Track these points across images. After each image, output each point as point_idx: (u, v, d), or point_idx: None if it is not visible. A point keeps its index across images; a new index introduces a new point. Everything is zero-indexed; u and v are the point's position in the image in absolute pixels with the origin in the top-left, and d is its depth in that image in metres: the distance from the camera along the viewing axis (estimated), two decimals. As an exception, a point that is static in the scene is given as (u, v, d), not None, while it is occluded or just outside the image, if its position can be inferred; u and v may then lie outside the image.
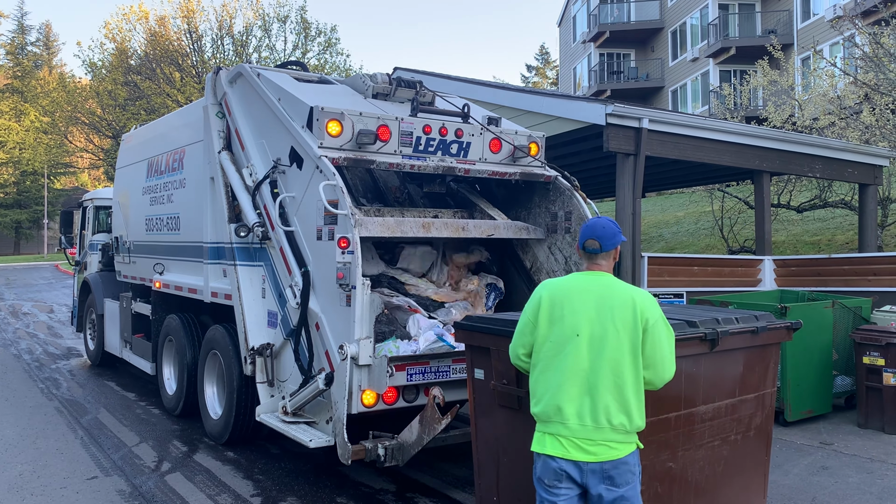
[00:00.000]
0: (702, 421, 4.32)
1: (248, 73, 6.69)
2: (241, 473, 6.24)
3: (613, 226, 3.52)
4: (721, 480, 4.51)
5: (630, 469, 3.25)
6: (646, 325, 3.26)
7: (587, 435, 3.21)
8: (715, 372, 4.39)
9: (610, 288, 3.36)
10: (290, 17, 36.39)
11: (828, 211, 17.55)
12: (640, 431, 3.32)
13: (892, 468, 6.45)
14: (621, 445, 3.23)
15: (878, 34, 13.77)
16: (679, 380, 3.99)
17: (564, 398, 3.26)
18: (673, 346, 3.34)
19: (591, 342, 3.26)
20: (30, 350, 13.23)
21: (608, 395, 3.22)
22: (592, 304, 3.30)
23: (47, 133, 44.38)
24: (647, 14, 38.41)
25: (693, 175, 14.07)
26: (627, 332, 3.24)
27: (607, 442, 3.21)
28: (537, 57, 66.32)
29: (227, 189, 6.78)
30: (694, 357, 4.18)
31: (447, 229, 6.11)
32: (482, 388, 4.52)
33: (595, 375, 3.23)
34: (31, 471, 6.35)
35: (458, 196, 7.14)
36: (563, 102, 9.93)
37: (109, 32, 35.92)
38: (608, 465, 3.21)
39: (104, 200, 11.98)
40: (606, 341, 3.24)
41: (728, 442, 4.52)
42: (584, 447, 3.21)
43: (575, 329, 3.29)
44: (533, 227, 6.67)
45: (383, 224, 5.73)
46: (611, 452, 3.21)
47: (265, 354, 6.03)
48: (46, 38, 71.50)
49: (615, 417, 3.21)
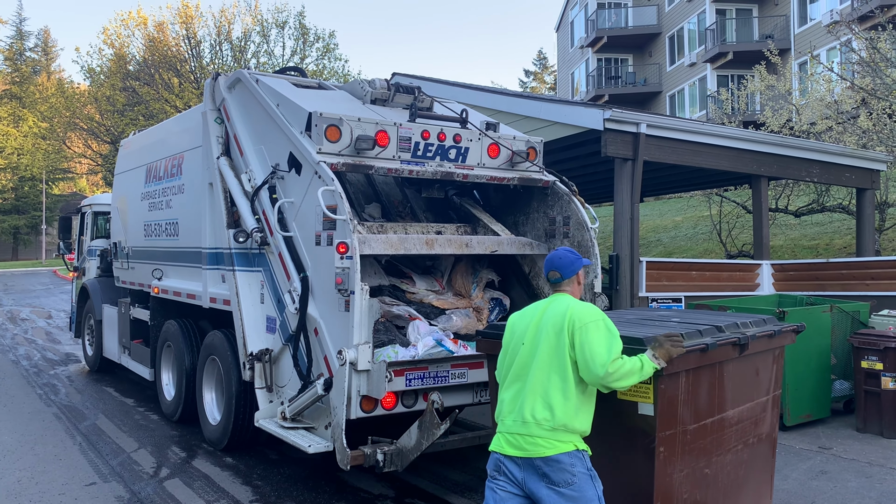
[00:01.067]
0: (730, 425, 4.33)
1: (247, 78, 6.70)
2: (239, 479, 6.23)
3: (571, 255, 3.85)
4: (741, 484, 4.53)
5: (565, 468, 3.39)
6: (573, 329, 3.49)
7: (517, 430, 3.49)
8: (740, 376, 4.41)
9: (555, 303, 3.69)
10: (288, 23, 36.46)
11: (825, 215, 17.57)
12: (585, 436, 3.50)
13: (891, 472, 6.45)
14: (548, 443, 3.41)
15: (874, 39, 13.81)
16: (714, 385, 4.12)
17: (506, 399, 3.63)
18: (603, 346, 3.43)
19: (530, 348, 3.60)
20: (28, 356, 13.21)
21: (534, 395, 3.50)
22: (536, 319, 3.67)
23: (45, 139, 44.34)
24: (645, 19, 38.50)
25: (691, 180, 14.09)
26: (557, 337, 3.52)
27: (533, 437, 3.43)
28: (535, 62, 66.50)
29: (225, 195, 6.78)
30: (724, 362, 4.20)
31: (451, 246, 6.10)
32: None
33: (527, 377, 3.56)
34: (29, 477, 6.34)
35: (461, 210, 7.13)
36: (561, 107, 9.95)
37: (108, 38, 35.95)
38: (539, 462, 3.42)
39: (103, 206, 11.98)
40: (540, 346, 3.56)
41: (748, 445, 4.55)
42: (515, 442, 3.48)
43: (521, 340, 3.67)
44: (536, 243, 6.65)
45: (387, 241, 5.71)
46: (538, 449, 3.42)
47: (264, 360, 6.02)
48: (45, 44, 71.52)
49: (538, 413, 3.45)
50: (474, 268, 7.01)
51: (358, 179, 7.08)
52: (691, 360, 3.84)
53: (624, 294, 9.03)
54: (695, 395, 3.98)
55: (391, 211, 6.87)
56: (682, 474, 3.94)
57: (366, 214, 6.65)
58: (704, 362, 3.99)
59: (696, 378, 3.98)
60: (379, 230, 6.26)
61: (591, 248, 6.32)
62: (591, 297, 6.30)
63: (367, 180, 7.14)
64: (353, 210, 6.48)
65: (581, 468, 3.42)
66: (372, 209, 6.78)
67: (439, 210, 7.25)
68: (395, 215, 6.85)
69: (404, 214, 6.90)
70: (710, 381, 4.10)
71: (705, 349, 3.94)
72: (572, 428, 3.45)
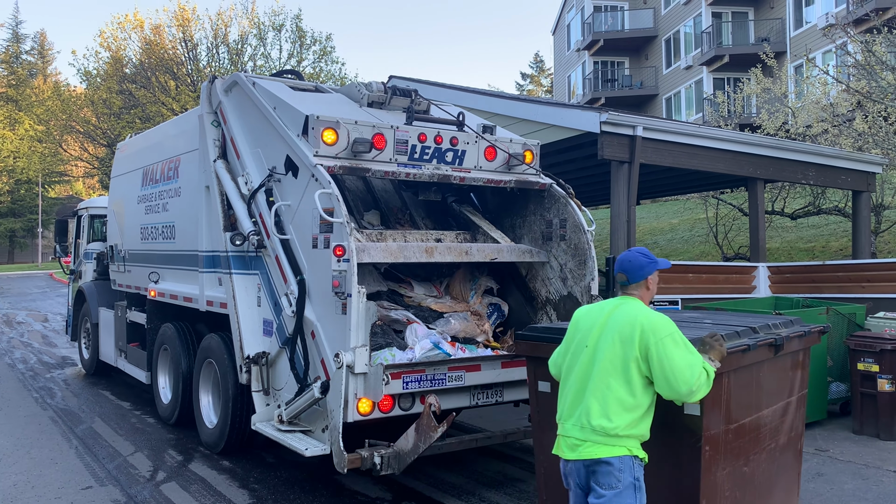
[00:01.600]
0: (764, 424, 4.40)
1: (244, 81, 6.70)
2: (236, 482, 6.22)
3: (642, 258, 3.76)
4: (774, 482, 4.59)
5: (612, 472, 3.40)
6: (646, 342, 3.42)
7: (575, 435, 3.50)
8: (773, 376, 4.49)
9: (622, 308, 3.62)
10: (285, 26, 36.41)
11: (822, 218, 17.61)
12: (644, 442, 3.49)
13: (888, 474, 6.46)
14: (602, 447, 3.42)
15: (870, 42, 13.85)
16: (751, 386, 4.21)
17: (566, 404, 3.62)
18: (686, 362, 3.40)
19: (593, 353, 3.56)
20: (24, 359, 13.18)
21: (595, 401, 3.47)
22: (602, 321, 3.62)
23: (42, 142, 44.22)
24: (641, 22, 38.59)
25: (687, 182, 14.11)
26: (623, 346, 3.47)
27: (588, 441, 3.45)
28: (532, 65, 66.58)
29: (222, 197, 6.78)
30: (762, 363, 4.28)
31: (450, 253, 6.10)
32: (547, 400, 4.36)
33: (588, 382, 3.52)
34: (25, 481, 6.32)
35: (460, 217, 7.12)
36: (558, 110, 9.96)
37: (104, 41, 35.88)
38: (590, 463, 3.45)
39: (99, 209, 11.96)
40: (604, 353, 3.51)
41: (779, 444, 4.61)
42: (573, 446, 3.50)
43: (584, 342, 3.63)
44: (536, 250, 6.64)
45: (386, 249, 5.70)
46: (591, 451, 3.44)
47: (261, 363, 6.02)
48: (41, 47, 71.46)
49: (596, 420, 3.44)
50: (473, 274, 7.01)
51: (357, 186, 7.06)
52: (733, 361, 3.88)
53: (621, 296, 9.03)
54: (736, 394, 4.04)
55: (390, 218, 6.85)
56: (724, 472, 3.99)
57: (365, 222, 6.63)
58: (745, 363, 4.05)
59: (737, 378, 4.03)
60: (378, 238, 6.25)
61: (588, 251, 6.33)
62: (588, 300, 6.31)
63: (365, 187, 7.12)
64: (352, 217, 6.47)
65: (629, 476, 3.41)
66: (371, 216, 6.76)
67: (439, 217, 7.23)
68: (395, 222, 6.82)
69: (403, 221, 6.87)
70: (749, 381, 4.19)
71: (747, 350, 4.01)
72: (629, 433, 3.43)
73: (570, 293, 6.48)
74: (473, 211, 7.11)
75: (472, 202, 7.35)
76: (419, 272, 6.97)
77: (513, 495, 5.93)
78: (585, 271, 6.35)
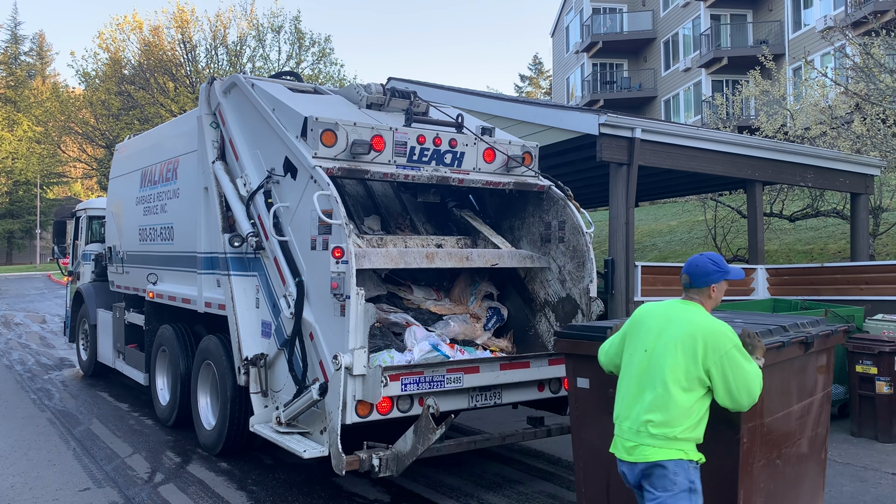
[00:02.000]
0: (794, 419, 4.55)
1: (243, 83, 6.70)
2: (234, 484, 6.21)
3: (710, 265, 3.71)
4: (802, 476, 4.72)
5: (667, 475, 3.44)
6: (707, 354, 3.46)
7: (630, 437, 3.55)
8: (803, 372, 4.64)
9: (685, 315, 3.62)
10: (284, 28, 36.45)
11: (820, 220, 17.62)
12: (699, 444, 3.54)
13: (886, 476, 6.46)
14: (658, 450, 3.45)
15: (868, 45, 13.87)
16: (784, 382, 4.37)
17: (623, 405, 3.65)
18: (747, 373, 3.48)
19: (651, 357, 3.58)
20: (22, 361, 13.16)
21: (652, 405, 3.50)
22: (663, 326, 3.62)
23: (40, 143, 44.24)
24: (640, 24, 38.62)
25: (686, 184, 14.12)
26: (684, 355, 3.49)
27: (644, 445, 3.48)
28: (531, 67, 66.62)
29: (220, 199, 6.78)
30: (791, 360, 4.42)
31: (451, 259, 6.09)
32: (587, 396, 4.56)
33: (646, 385, 3.56)
34: (22, 482, 6.31)
35: (461, 222, 7.11)
36: (557, 112, 9.97)
37: (103, 42, 35.89)
38: (644, 466, 3.49)
39: (97, 210, 11.95)
40: (665, 359, 3.52)
41: (807, 439, 4.75)
42: (629, 448, 3.55)
43: (643, 345, 3.65)
44: (537, 256, 6.64)
45: (387, 255, 5.70)
46: (647, 454, 3.47)
47: (259, 365, 6.01)
48: (40, 48, 71.45)
49: (650, 424, 3.47)
50: (473, 279, 7.00)
51: (357, 191, 7.04)
52: (769, 358, 3.99)
53: (619, 299, 9.03)
54: (771, 390, 4.15)
55: (391, 223, 6.83)
56: (759, 464, 4.14)
57: (365, 227, 6.60)
58: (778, 359, 4.17)
59: (772, 374, 4.12)
60: (379, 243, 6.24)
61: (587, 253, 6.33)
62: (587, 302, 6.31)
63: (366, 192, 7.11)
64: (353, 222, 6.47)
65: (683, 479, 3.44)
66: (371, 221, 6.72)
67: (439, 222, 7.22)
68: (395, 227, 6.80)
69: (404, 227, 6.85)
70: (782, 377, 4.35)
71: (781, 346, 4.14)
72: (686, 437, 3.47)
73: (569, 295, 6.48)
74: (474, 216, 7.10)
75: (471, 206, 7.34)
76: (419, 276, 6.97)
77: (511, 497, 5.92)
78: (584, 273, 6.35)
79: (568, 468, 6.70)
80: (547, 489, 6.12)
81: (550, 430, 6.23)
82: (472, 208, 7.31)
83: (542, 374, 6.00)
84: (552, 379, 6.13)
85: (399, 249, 5.91)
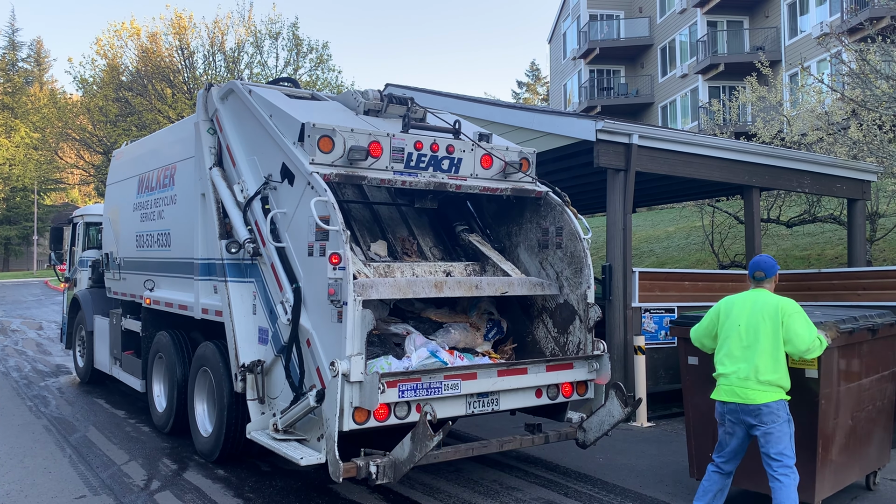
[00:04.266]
0: (864, 390, 5.88)
1: (240, 89, 6.70)
2: (231, 492, 6.19)
3: (772, 260, 5.32)
4: (871, 436, 6.05)
5: (772, 412, 4.91)
6: (783, 317, 4.99)
7: (738, 384, 5.00)
8: (871, 353, 5.96)
9: (763, 297, 5.17)
10: (281, 34, 36.47)
11: (817, 226, 17.64)
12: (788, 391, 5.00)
13: (884, 480, 6.45)
14: (762, 394, 4.92)
15: (864, 51, 13.90)
16: (854, 359, 5.72)
17: (730, 365, 5.08)
18: (805, 330, 4.95)
19: (746, 329, 5.07)
20: (18, 367, 13.12)
21: (753, 360, 4.97)
22: (749, 307, 5.13)
23: (37, 149, 44.18)
24: (637, 31, 38.73)
25: (683, 190, 14.13)
26: (771, 323, 5.00)
27: (751, 390, 4.94)
28: (528, 73, 66.73)
29: (218, 205, 6.77)
30: (862, 342, 5.78)
31: (460, 288, 6.02)
32: (695, 371, 5.96)
33: (747, 349, 5.02)
34: (18, 490, 6.28)
35: (468, 248, 7.03)
36: (554, 118, 9.97)
37: (101, 49, 35.89)
38: (753, 407, 4.94)
39: (94, 216, 11.93)
40: (757, 327, 5.03)
41: (875, 407, 6.08)
42: (737, 393, 5.00)
43: (737, 322, 5.13)
44: (547, 283, 6.54)
45: (395, 285, 5.61)
46: (752, 396, 4.93)
47: (256, 371, 6.00)
48: (37, 55, 71.46)
49: (760, 375, 4.94)
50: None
51: (363, 216, 6.95)
52: (842, 340, 5.43)
53: (617, 304, 9.03)
54: (843, 364, 5.57)
55: (397, 248, 6.73)
56: (835, 422, 5.49)
57: (372, 253, 6.53)
58: (850, 342, 5.58)
59: (844, 353, 5.55)
60: (386, 271, 6.19)
61: (584, 259, 6.33)
62: (585, 308, 6.30)
63: (371, 216, 7.00)
64: (359, 248, 6.43)
65: (783, 413, 4.95)
66: (378, 247, 6.64)
67: (447, 246, 7.14)
68: (402, 252, 6.71)
69: (410, 252, 6.74)
70: (852, 355, 5.71)
71: (852, 332, 5.55)
72: (778, 384, 4.94)
73: (567, 301, 6.48)
74: (482, 241, 7.00)
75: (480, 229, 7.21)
76: None
77: (509, 504, 5.91)
78: (581, 279, 6.35)
79: (566, 474, 6.68)
80: (545, 496, 6.10)
81: (548, 437, 6.22)
82: (481, 231, 7.19)
83: (539, 381, 5.99)
84: (550, 385, 6.12)
85: (407, 279, 5.84)
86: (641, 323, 9.28)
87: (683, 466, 6.57)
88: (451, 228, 7.20)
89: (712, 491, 5.17)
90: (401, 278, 5.92)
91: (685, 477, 6.52)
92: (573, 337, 6.44)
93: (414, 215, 7.25)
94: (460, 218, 7.24)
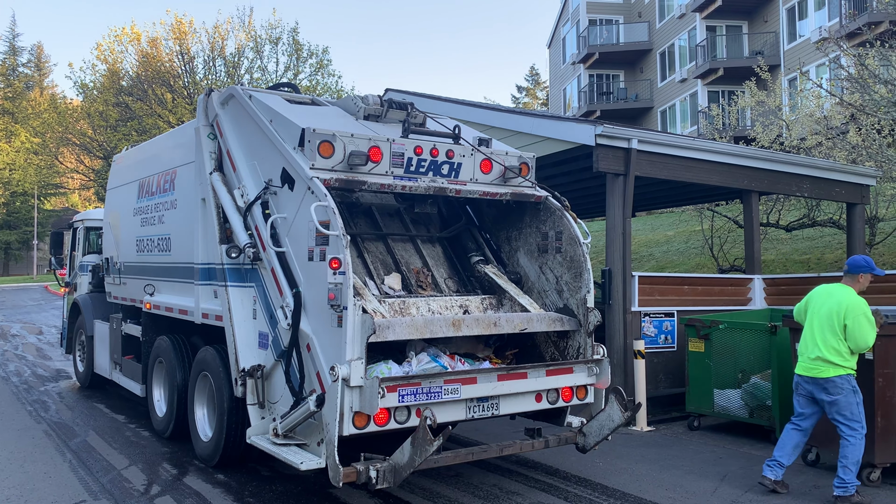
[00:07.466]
0: None
1: (240, 94, 6.72)
2: (231, 496, 6.19)
3: (862, 262, 6.23)
4: None
5: (837, 385, 5.92)
6: (846, 315, 5.92)
7: (812, 363, 6.04)
8: None
9: (839, 291, 6.13)
10: (282, 39, 36.56)
11: (816, 230, 17.65)
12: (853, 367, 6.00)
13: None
14: (827, 369, 5.95)
15: (862, 56, 13.92)
16: None
17: (807, 344, 6.14)
18: (866, 330, 5.91)
19: (819, 317, 6.08)
20: (18, 372, 13.12)
21: (820, 342, 6.01)
22: (826, 298, 6.14)
23: (38, 154, 44.27)
24: (636, 36, 38.81)
25: (682, 195, 14.15)
26: (836, 316, 5.97)
27: (817, 366, 6.00)
28: (527, 78, 66.85)
29: (218, 210, 6.78)
30: None
31: (478, 326, 5.91)
32: None
33: (817, 333, 6.05)
34: (18, 495, 6.28)
35: (484, 279, 6.93)
36: (553, 123, 9.99)
37: (101, 54, 35.97)
38: (821, 381, 5.99)
39: (95, 221, 11.94)
40: (827, 318, 6.02)
41: None
42: (809, 367, 6.07)
43: (816, 309, 6.15)
44: (567, 318, 6.40)
45: (412, 325, 5.54)
46: (820, 372, 5.98)
47: (256, 376, 6.00)
48: (38, 60, 71.63)
49: (823, 353, 5.97)
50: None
51: (377, 248, 6.82)
52: (888, 330, 6.53)
53: (616, 308, 9.04)
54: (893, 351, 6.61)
55: (411, 280, 6.62)
56: (890, 394, 6.61)
57: (386, 287, 6.43)
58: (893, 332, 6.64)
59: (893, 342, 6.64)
60: (401, 308, 6.09)
61: (584, 263, 6.34)
62: (584, 312, 6.32)
63: (385, 248, 6.86)
64: (373, 282, 6.36)
65: (848, 386, 5.93)
66: (392, 280, 6.54)
67: (461, 278, 7.05)
68: (416, 285, 6.60)
69: (425, 284, 6.65)
70: None
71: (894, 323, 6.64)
72: (843, 363, 5.93)
73: (566, 305, 6.49)
74: (498, 273, 6.92)
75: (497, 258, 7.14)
76: None
77: (509, 509, 5.91)
78: (581, 284, 6.36)
79: (566, 479, 6.68)
80: (545, 500, 6.10)
81: (548, 442, 6.22)
82: (498, 261, 7.10)
83: (539, 385, 5.99)
84: (549, 389, 6.13)
85: (424, 318, 5.75)
86: (641, 327, 9.29)
87: (684, 470, 6.56)
88: (464, 257, 7.16)
89: (791, 443, 6.24)
90: (417, 317, 5.85)
91: (686, 481, 6.51)
92: (573, 341, 6.45)
93: (427, 245, 7.14)
94: (475, 247, 7.16)
